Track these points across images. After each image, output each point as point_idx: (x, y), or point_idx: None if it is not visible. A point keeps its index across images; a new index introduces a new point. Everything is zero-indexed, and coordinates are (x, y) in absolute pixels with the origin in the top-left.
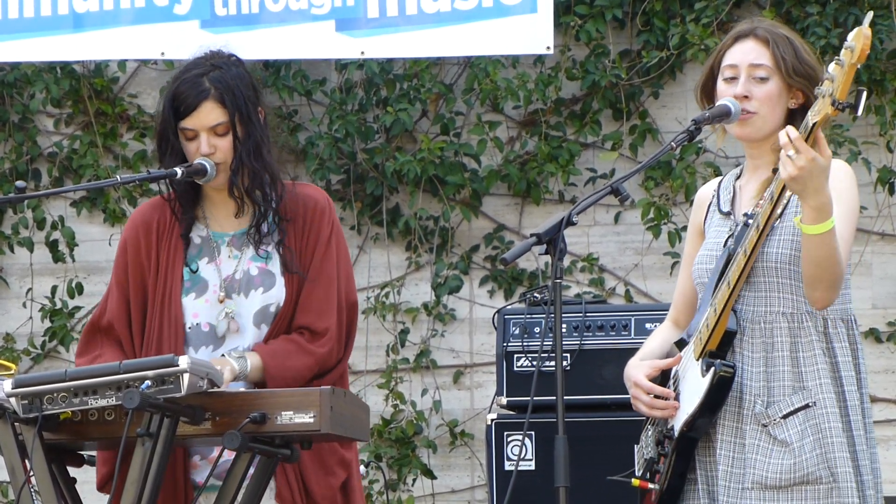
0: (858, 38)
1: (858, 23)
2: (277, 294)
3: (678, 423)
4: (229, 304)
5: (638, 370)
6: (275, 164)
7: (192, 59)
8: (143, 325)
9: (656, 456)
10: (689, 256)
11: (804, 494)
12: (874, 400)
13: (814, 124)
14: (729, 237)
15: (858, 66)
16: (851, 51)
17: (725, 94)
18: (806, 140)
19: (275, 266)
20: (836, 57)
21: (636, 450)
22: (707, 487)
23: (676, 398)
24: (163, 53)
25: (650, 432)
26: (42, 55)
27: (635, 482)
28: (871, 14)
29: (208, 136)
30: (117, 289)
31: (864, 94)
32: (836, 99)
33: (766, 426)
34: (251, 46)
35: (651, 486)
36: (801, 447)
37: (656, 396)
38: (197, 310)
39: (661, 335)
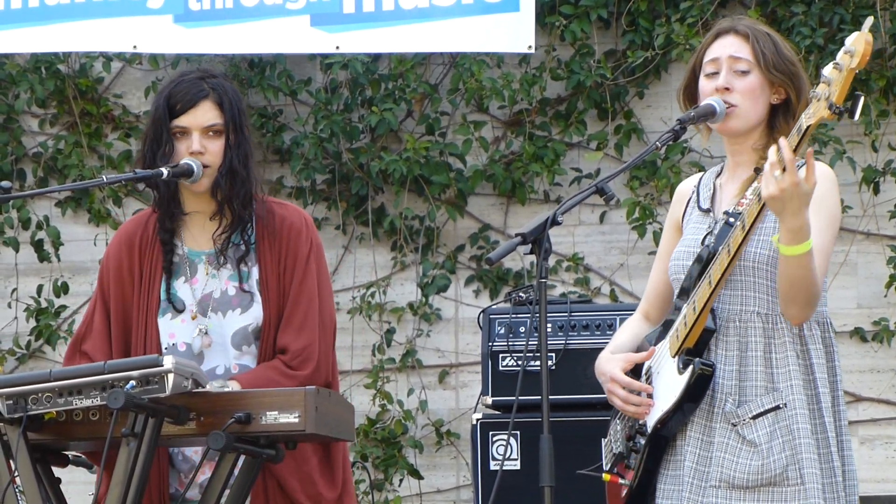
0: (859, 43)
1: (844, 22)
2: (255, 313)
3: (651, 420)
4: (203, 321)
5: (612, 364)
6: (255, 181)
7: (184, 69)
8: (123, 342)
9: (626, 451)
10: (665, 251)
11: (770, 496)
12: (859, 399)
13: (808, 127)
14: (707, 234)
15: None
16: (851, 55)
17: (706, 90)
18: (800, 142)
19: (252, 286)
20: (834, 61)
21: (604, 443)
22: (663, 486)
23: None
24: (135, 47)
25: (619, 426)
26: (11, 47)
27: (606, 477)
28: (870, 19)
29: (201, 136)
30: (100, 305)
31: (862, 99)
32: (834, 103)
33: (735, 425)
34: (225, 41)
35: (622, 481)
36: (769, 448)
37: (633, 391)
38: (173, 330)
39: (632, 328)
